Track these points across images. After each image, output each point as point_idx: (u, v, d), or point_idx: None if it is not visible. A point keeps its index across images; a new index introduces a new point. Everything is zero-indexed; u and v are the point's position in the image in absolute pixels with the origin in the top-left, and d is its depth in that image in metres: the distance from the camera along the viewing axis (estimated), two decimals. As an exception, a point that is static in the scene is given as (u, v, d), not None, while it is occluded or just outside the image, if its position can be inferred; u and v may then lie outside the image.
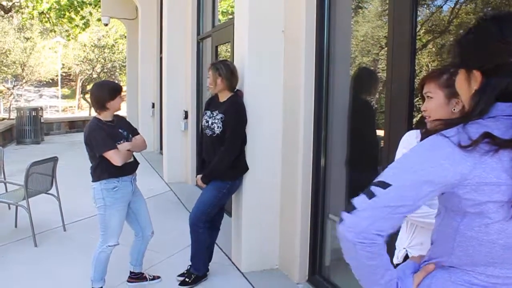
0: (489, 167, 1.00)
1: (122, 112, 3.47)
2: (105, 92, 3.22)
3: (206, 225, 3.56)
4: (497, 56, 1.05)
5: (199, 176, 3.57)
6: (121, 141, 3.24)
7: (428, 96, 1.71)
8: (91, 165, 3.27)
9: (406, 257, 1.81)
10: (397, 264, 1.85)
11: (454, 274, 1.10)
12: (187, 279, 3.59)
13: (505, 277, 1.05)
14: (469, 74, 1.12)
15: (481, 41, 1.09)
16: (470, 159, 1.01)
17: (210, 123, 3.50)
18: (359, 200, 1.08)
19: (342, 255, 1.12)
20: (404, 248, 1.83)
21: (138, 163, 3.44)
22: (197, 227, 3.52)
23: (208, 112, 3.58)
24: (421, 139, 1.13)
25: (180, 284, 3.57)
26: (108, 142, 3.15)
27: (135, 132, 3.46)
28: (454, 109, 1.66)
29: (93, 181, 3.24)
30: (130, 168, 3.31)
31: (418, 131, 1.84)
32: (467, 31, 1.16)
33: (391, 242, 1.93)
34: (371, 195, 1.06)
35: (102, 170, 3.19)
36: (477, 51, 1.10)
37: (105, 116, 3.26)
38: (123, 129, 3.33)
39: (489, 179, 1.00)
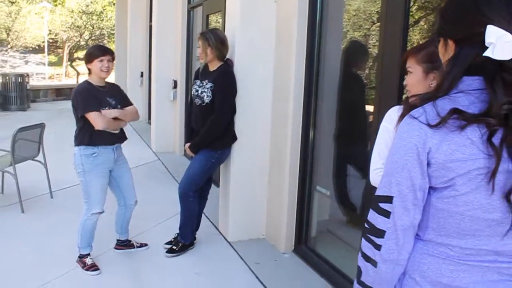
0: (456, 144, 1.01)
1: (111, 80, 3.42)
2: (86, 54, 3.25)
3: (196, 195, 3.58)
4: (469, 25, 1.04)
5: (188, 144, 3.57)
6: (106, 108, 3.19)
7: (409, 71, 1.72)
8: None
9: None
10: None
11: (431, 246, 1.12)
12: (174, 247, 3.63)
13: (477, 249, 1.08)
14: (445, 44, 1.13)
15: (456, 11, 1.10)
16: (437, 136, 1.02)
17: (199, 92, 3.48)
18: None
19: (328, 227, 1.16)
20: None
21: (125, 138, 3.41)
22: (187, 196, 3.53)
23: (198, 81, 3.55)
24: (400, 117, 1.15)
25: (167, 252, 3.61)
26: (90, 103, 3.10)
27: (127, 102, 3.40)
28: (431, 84, 1.66)
29: (75, 145, 3.21)
30: (113, 138, 3.26)
31: (401, 106, 1.83)
32: (447, 1, 1.16)
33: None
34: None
35: (83, 135, 3.15)
36: (453, 20, 1.10)
37: (94, 80, 3.22)
38: (112, 98, 3.27)
39: (456, 156, 1.01)
